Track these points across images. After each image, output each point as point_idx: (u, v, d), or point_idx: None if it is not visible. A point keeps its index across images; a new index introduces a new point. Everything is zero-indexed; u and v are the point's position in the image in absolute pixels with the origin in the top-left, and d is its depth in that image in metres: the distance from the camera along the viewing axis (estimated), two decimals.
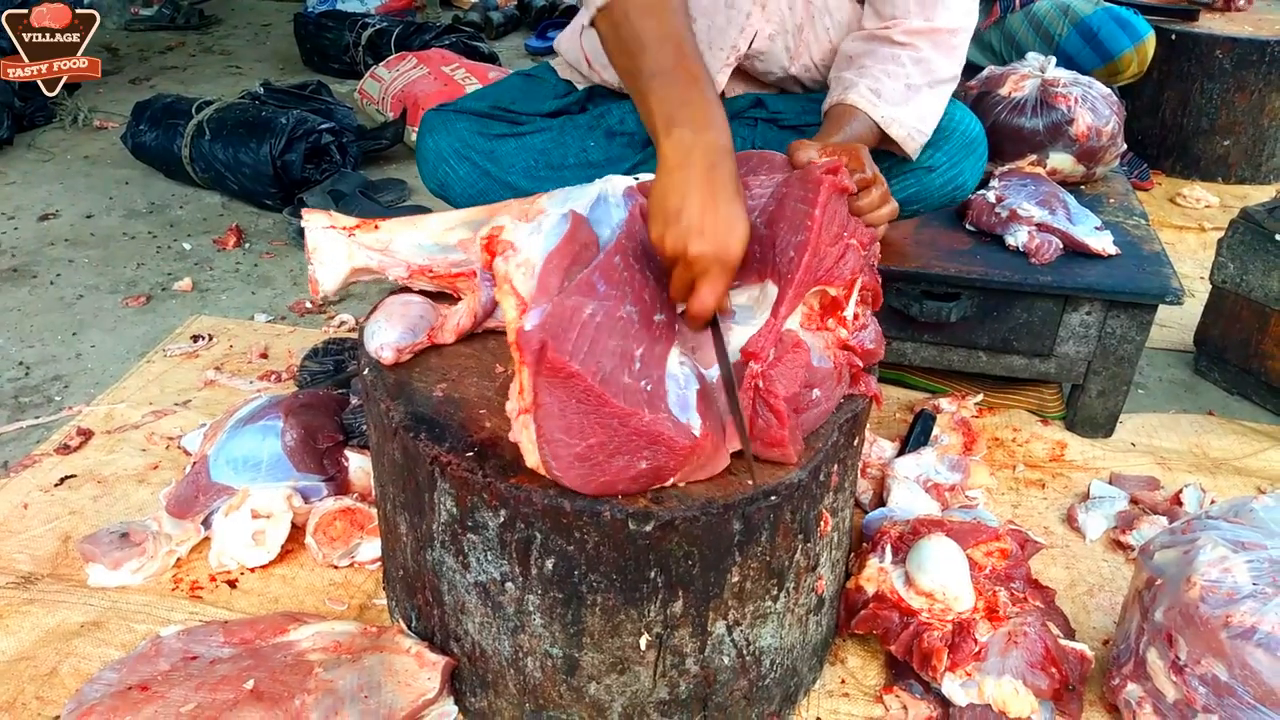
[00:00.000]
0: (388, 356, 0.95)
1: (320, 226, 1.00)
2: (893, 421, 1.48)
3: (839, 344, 0.90)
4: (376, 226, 1.01)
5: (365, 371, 0.96)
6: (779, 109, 1.24)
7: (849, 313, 0.89)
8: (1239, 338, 1.59)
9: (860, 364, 0.92)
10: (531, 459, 0.78)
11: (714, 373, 0.85)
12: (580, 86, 1.31)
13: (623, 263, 0.83)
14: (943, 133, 1.16)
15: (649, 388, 0.78)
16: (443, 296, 1.05)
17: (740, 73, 1.24)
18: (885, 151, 1.15)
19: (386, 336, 0.96)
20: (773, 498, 0.82)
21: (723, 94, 1.26)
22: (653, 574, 0.81)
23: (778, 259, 0.86)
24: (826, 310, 0.89)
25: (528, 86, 1.33)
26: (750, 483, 0.80)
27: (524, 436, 0.78)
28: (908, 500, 1.23)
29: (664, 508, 0.79)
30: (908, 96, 1.09)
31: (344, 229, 1.01)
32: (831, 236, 0.87)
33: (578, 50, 1.31)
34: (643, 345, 0.78)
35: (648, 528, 0.78)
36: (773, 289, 0.86)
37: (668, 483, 0.80)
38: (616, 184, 0.97)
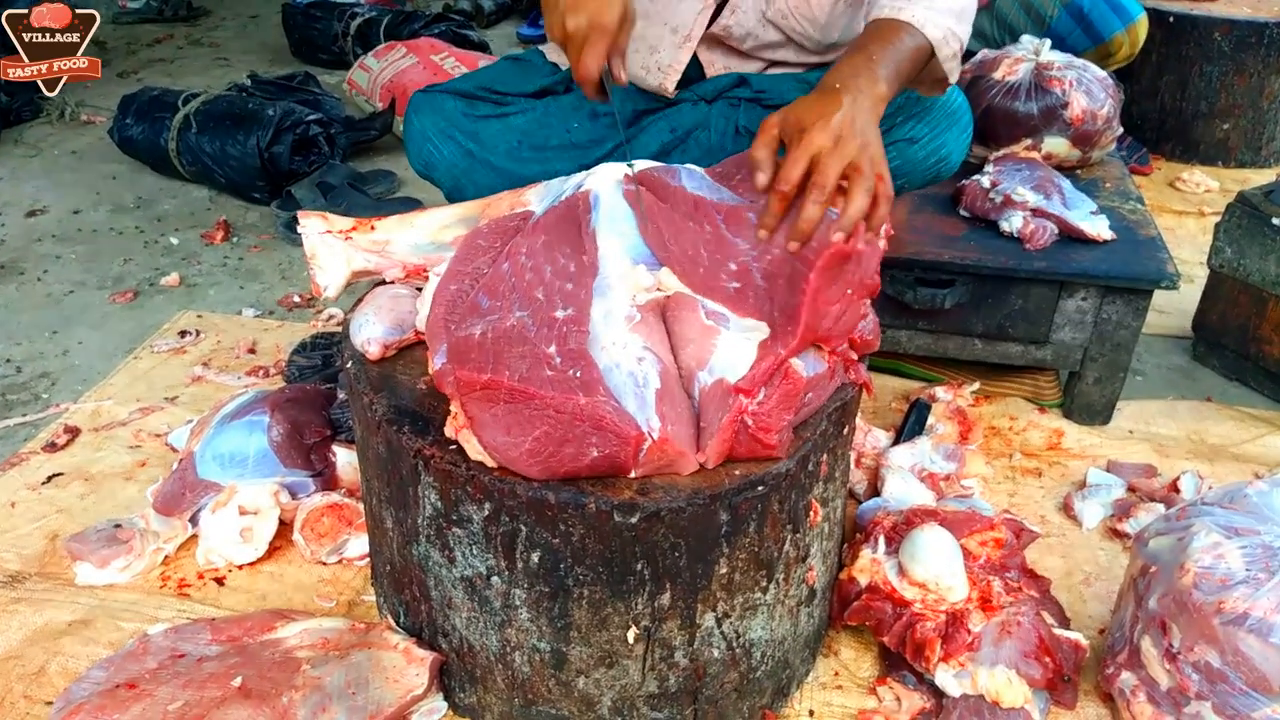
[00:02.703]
0: (374, 352, 0.94)
1: (317, 232, 0.99)
2: (888, 411, 1.47)
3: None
4: (372, 227, 1.00)
5: (349, 365, 0.95)
6: (763, 88, 1.21)
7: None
8: (1237, 323, 1.58)
9: (854, 356, 0.91)
10: (490, 462, 0.80)
11: (705, 372, 0.83)
12: (566, 67, 1.30)
13: (511, 269, 0.86)
14: (924, 103, 1.14)
15: (578, 375, 0.78)
16: None
17: (720, 45, 1.21)
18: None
19: (373, 331, 0.94)
20: (760, 488, 0.81)
21: (699, 65, 1.24)
22: (639, 566, 0.80)
23: (776, 315, 0.83)
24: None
25: (515, 69, 1.32)
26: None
27: (472, 447, 0.80)
28: (902, 490, 1.22)
29: (649, 499, 0.78)
30: None
31: (340, 232, 1.00)
32: (829, 298, 0.82)
33: None
34: (553, 344, 0.80)
35: (633, 519, 0.77)
36: (767, 329, 0.83)
37: (630, 474, 0.79)
38: (599, 176, 0.95)
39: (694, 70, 1.25)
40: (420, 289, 1.02)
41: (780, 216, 0.84)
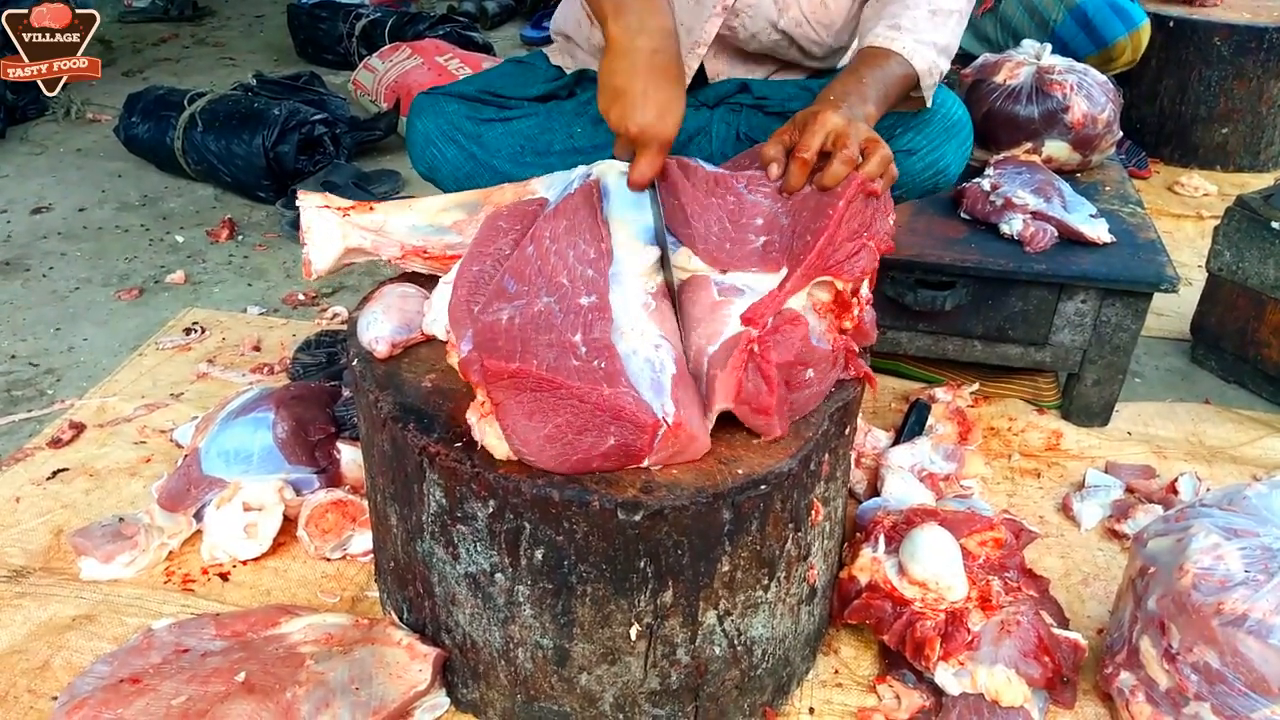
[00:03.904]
0: (381, 350, 0.94)
1: (314, 206, 1.00)
2: (888, 411, 1.48)
3: (838, 327, 0.90)
4: (371, 208, 1.01)
5: (354, 362, 0.95)
6: (765, 94, 1.22)
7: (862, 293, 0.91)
8: (1235, 326, 1.59)
9: (855, 347, 0.92)
10: (501, 451, 0.80)
11: (713, 346, 0.84)
12: (570, 70, 1.30)
13: (536, 252, 0.86)
14: (923, 116, 1.15)
15: (603, 366, 0.79)
16: (434, 280, 1.04)
17: (728, 49, 1.22)
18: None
19: (381, 330, 0.95)
20: (763, 486, 0.81)
21: (703, 70, 1.24)
22: (642, 564, 0.81)
23: (794, 245, 0.88)
24: (838, 309, 0.90)
25: (518, 72, 1.32)
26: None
27: (489, 433, 0.80)
28: (902, 490, 1.23)
29: (653, 497, 0.78)
30: (934, 23, 1.04)
31: (338, 209, 1.00)
32: (850, 231, 0.87)
33: (574, 14, 1.30)
34: (579, 331, 0.81)
35: (637, 517, 0.78)
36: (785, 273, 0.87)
37: (644, 462, 0.80)
38: (605, 165, 0.96)
39: (696, 76, 1.25)
40: (420, 274, 1.03)
41: (803, 181, 0.91)
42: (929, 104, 1.11)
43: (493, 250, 0.89)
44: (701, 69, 1.25)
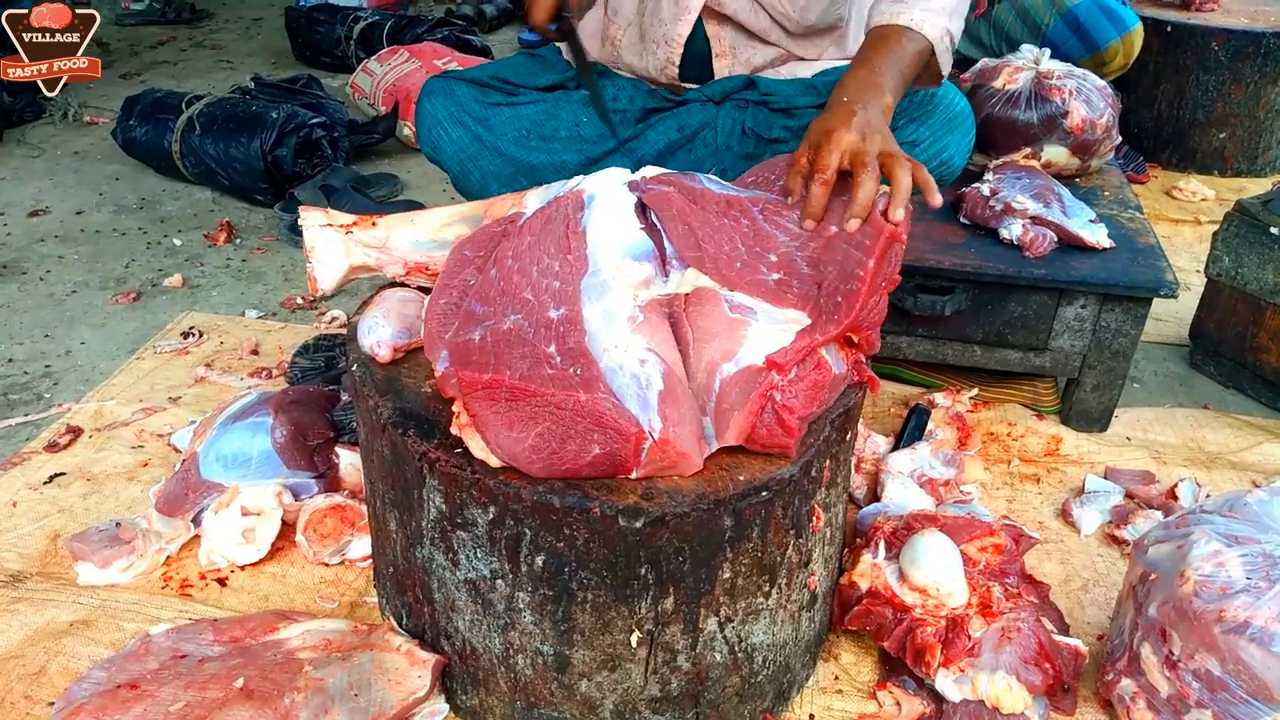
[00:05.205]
0: (384, 355, 0.94)
1: (317, 225, 1.00)
2: (887, 416, 1.48)
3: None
4: (374, 224, 1.01)
5: (354, 368, 0.95)
6: (770, 91, 1.23)
7: None
8: (1234, 331, 1.59)
9: (861, 356, 0.92)
10: (493, 460, 0.80)
11: (731, 363, 0.84)
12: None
13: (499, 274, 0.87)
14: (925, 107, 1.15)
15: (579, 373, 0.79)
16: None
17: (727, 22, 1.22)
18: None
19: (382, 334, 0.95)
20: (764, 493, 0.81)
21: (710, 66, 1.25)
22: (643, 570, 0.80)
23: (823, 300, 0.85)
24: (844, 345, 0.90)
25: (530, 63, 1.34)
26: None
27: (475, 445, 0.80)
28: (902, 495, 1.23)
29: (654, 504, 0.78)
30: None
31: (341, 227, 1.00)
32: (874, 286, 0.86)
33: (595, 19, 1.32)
34: (553, 343, 0.81)
35: (638, 524, 0.78)
36: (806, 318, 0.85)
37: (633, 474, 0.80)
38: (597, 177, 0.96)
39: (705, 72, 1.26)
40: (423, 287, 1.03)
41: (825, 204, 0.89)
42: (945, 73, 1.08)
43: (458, 282, 0.89)
44: (710, 66, 1.26)
